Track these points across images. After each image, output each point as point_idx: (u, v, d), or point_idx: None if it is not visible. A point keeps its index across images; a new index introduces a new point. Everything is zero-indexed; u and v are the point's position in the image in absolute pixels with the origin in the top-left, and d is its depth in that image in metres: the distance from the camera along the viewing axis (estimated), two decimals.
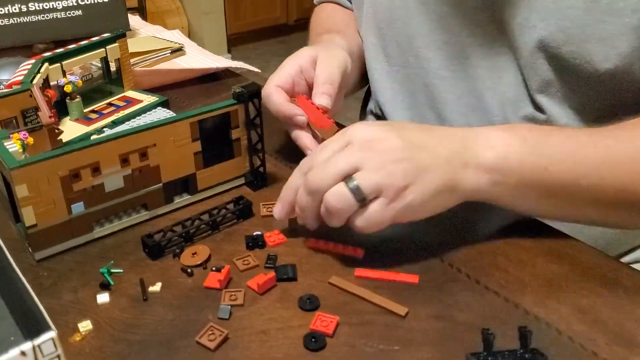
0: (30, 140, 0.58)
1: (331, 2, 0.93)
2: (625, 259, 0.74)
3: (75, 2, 0.94)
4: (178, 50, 0.97)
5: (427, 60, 0.73)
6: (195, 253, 0.53)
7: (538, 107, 0.65)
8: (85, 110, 0.77)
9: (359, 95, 0.93)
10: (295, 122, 0.63)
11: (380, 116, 0.83)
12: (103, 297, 0.49)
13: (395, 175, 0.48)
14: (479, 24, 0.66)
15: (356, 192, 0.48)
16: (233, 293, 0.49)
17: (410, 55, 0.74)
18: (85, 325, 0.46)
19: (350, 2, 0.87)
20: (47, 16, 0.93)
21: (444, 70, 0.71)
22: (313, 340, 0.44)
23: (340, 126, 0.62)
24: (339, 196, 0.48)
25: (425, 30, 0.71)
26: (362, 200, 0.48)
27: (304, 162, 0.53)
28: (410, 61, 0.75)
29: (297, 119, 0.62)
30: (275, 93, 0.63)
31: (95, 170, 0.53)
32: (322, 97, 0.63)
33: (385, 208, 0.48)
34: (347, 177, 0.49)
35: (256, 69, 0.97)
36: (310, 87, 0.66)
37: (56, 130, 0.67)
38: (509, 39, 0.65)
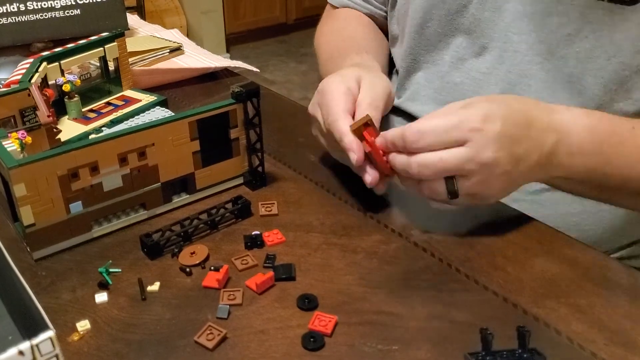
0: (29, 139, 0.58)
1: (349, 6, 0.91)
2: (621, 254, 0.75)
3: (74, 1, 0.94)
4: (177, 50, 0.97)
5: (462, 61, 0.75)
6: (193, 252, 0.53)
7: None
8: (83, 110, 0.76)
9: None
10: (349, 158, 0.56)
11: (396, 106, 0.83)
12: (101, 297, 0.49)
13: (493, 188, 0.53)
14: (521, 31, 0.69)
15: (452, 194, 0.52)
16: (232, 292, 0.49)
17: (445, 54, 0.76)
18: (83, 325, 0.46)
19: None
20: (46, 15, 0.93)
21: (475, 72, 0.73)
22: (312, 339, 0.44)
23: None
24: (435, 193, 0.53)
25: (464, 33, 0.73)
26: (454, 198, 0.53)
27: (410, 131, 0.51)
28: (445, 59, 0.76)
29: (350, 155, 0.55)
30: (342, 119, 0.57)
31: (94, 169, 0.53)
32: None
33: (467, 202, 0.54)
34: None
35: (255, 69, 0.97)
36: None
37: (54, 130, 0.67)
38: (547, 48, 0.68)
